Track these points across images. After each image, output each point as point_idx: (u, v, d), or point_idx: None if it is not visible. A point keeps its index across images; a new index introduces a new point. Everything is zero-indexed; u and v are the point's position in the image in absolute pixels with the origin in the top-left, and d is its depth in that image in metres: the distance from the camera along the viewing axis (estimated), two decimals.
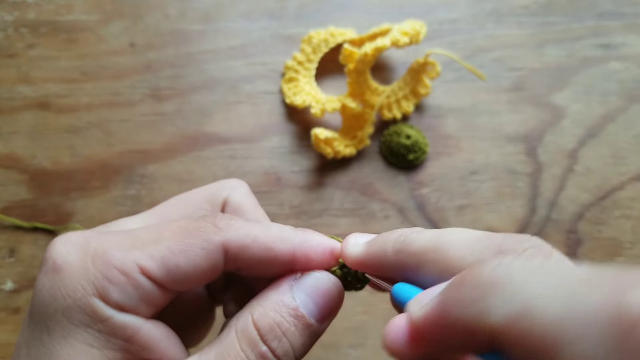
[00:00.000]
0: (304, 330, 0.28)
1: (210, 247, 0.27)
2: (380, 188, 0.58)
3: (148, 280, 0.27)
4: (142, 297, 0.27)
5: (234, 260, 0.28)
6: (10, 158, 0.57)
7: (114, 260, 0.27)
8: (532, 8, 0.63)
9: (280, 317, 0.27)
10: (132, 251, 0.27)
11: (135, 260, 0.27)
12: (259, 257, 0.28)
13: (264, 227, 0.29)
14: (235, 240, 0.28)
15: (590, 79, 0.61)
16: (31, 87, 0.59)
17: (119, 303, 0.27)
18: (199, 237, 0.28)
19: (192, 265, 0.27)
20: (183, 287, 0.28)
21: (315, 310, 0.28)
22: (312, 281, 0.29)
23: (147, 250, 0.27)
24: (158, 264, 0.27)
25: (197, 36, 0.61)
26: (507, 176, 0.58)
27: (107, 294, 0.26)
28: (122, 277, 0.26)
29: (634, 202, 0.58)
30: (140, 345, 0.27)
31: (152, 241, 0.27)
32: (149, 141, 0.58)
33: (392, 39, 0.54)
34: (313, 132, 0.55)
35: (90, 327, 0.26)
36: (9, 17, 0.61)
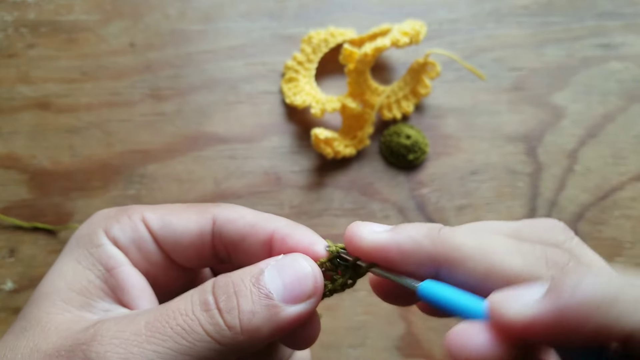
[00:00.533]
0: (259, 299, 0.27)
1: (202, 213, 0.32)
2: (380, 188, 0.58)
3: (145, 228, 0.32)
4: (135, 240, 0.32)
5: (220, 231, 0.31)
6: (10, 158, 0.57)
7: (129, 210, 0.33)
8: (532, 8, 0.63)
9: (239, 280, 0.27)
10: (145, 207, 0.33)
11: (142, 212, 0.32)
12: (242, 231, 0.30)
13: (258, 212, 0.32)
14: (224, 213, 0.31)
15: (590, 79, 0.61)
16: (31, 87, 0.59)
17: (115, 238, 0.31)
18: (194, 207, 0.32)
19: (184, 225, 0.32)
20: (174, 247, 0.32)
21: (281, 287, 0.27)
22: (287, 261, 0.28)
23: (155, 208, 0.33)
24: (157, 217, 0.32)
25: (197, 36, 0.61)
26: (507, 176, 0.58)
27: (110, 228, 0.32)
28: (126, 219, 0.32)
29: (634, 202, 0.58)
30: (117, 280, 0.31)
31: (162, 206, 0.33)
32: (149, 141, 0.58)
33: (392, 39, 0.54)
34: (313, 132, 0.55)
35: (86, 249, 0.31)
36: (9, 17, 0.61)
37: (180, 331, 0.26)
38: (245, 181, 0.57)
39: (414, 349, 0.54)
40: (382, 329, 0.54)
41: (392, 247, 0.27)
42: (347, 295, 0.55)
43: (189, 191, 0.57)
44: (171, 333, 0.26)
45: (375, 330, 0.54)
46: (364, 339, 0.54)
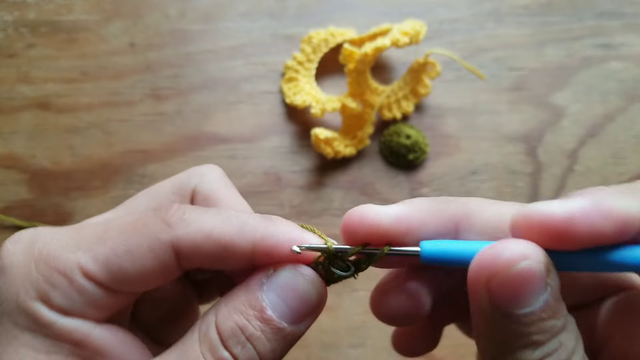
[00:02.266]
0: (273, 334, 0.25)
1: (157, 246, 0.25)
2: (380, 188, 0.58)
3: (91, 283, 0.25)
4: (87, 301, 0.25)
5: (187, 259, 0.25)
6: (10, 158, 0.57)
7: (56, 262, 0.25)
8: (532, 8, 0.63)
9: (245, 321, 0.24)
10: (76, 252, 0.25)
11: (78, 262, 0.25)
12: (215, 254, 0.25)
13: (222, 218, 0.26)
14: (185, 239, 0.25)
15: (590, 79, 0.61)
16: (31, 87, 0.59)
17: (63, 307, 0.25)
18: (145, 235, 0.25)
19: (139, 267, 0.25)
20: (133, 289, 0.26)
21: (288, 312, 0.25)
22: (285, 279, 0.25)
23: (91, 251, 0.25)
24: (100, 266, 0.25)
25: (197, 36, 0.61)
26: (507, 176, 0.58)
27: (50, 298, 0.25)
28: (64, 280, 0.25)
29: None
30: (92, 349, 0.25)
31: (97, 241, 0.26)
32: (149, 141, 0.58)
33: (392, 39, 0.54)
34: (313, 132, 0.55)
35: (35, 332, 0.25)
36: (9, 17, 0.61)
37: None
38: (245, 181, 0.57)
39: None
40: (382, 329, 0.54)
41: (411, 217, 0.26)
42: (347, 295, 0.55)
43: None
44: None
45: (375, 330, 0.54)
46: (364, 339, 0.54)
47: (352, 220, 0.27)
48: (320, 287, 0.26)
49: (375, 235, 0.26)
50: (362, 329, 0.54)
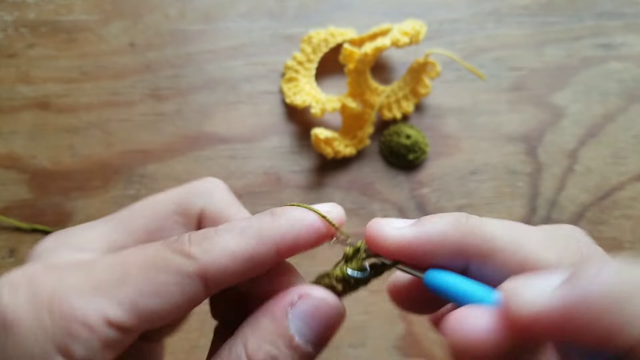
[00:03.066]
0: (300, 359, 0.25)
1: (185, 281, 0.24)
2: (380, 188, 0.58)
3: (117, 331, 0.23)
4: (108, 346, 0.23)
5: (216, 284, 0.25)
6: (10, 158, 0.57)
7: (76, 313, 0.23)
8: (532, 8, 0.63)
9: (276, 350, 0.25)
10: (95, 298, 0.23)
11: (101, 311, 0.23)
12: (243, 270, 0.25)
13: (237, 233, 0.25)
14: (212, 266, 0.24)
15: (590, 79, 0.61)
16: (31, 87, 0.59)
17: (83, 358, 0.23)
18: (171, 271, 0.24)
19: (168, 305, 0.24)
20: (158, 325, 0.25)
21: (313, 337, 0.26)
22: (310, 307, 0.26)
23: (113, 296, 0.23)
24: (127, 311, 0.23)
25: (197, 36, 0.61)
26: (507, 176, 0.58)
27: (70, 351, 0.23)
28: (86, 332, 0.23)
29: (634, 202, 0.58)
30: None
31: (117, 283, 0.24)
32: (149, 141, 0.58)
33: (392, 39, 0.54)
34: (313, 132, 0.55)
35: None
36: (9, 17, 0.61)
37: None
38: (245, 181, 0.57)
39: (414, 349, 0.54)
40: (382, 329, 0.54)
41: (418, 243, 0.25)
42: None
43: None
44: None
45: (375, 330, 0.54)
46: (364, 339, 0.54)
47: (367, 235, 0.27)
48: (341, 311, 0.27)
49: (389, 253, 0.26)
50: (362, 329, 0.54)
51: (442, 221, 0.25)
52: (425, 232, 0.25)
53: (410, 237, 0.25)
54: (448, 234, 0.25)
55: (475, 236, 0.24)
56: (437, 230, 0.25)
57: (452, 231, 0.25)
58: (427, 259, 0.25)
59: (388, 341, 0.54)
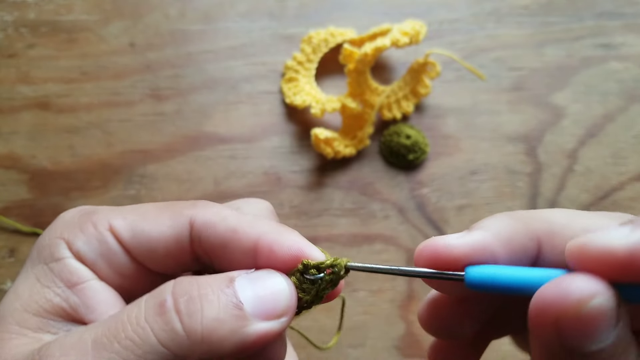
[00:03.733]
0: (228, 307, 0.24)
1: (177, 217, 0.28)
2: (380, 188, 0.58)
3: (113, 238, 0.28)
4: (103, 253, 0.28)
5: (199, 236, 0.27)
6: (10, 158, 0.57)
7: (93, 216, 0.29)
8: (532, 8, 0.63)
9: (207, 284, 0.24)
10: (112, 213, 0.29)
11: (109, 219, 0.28)
12: (223, 237, 0.27)
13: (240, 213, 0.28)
14: (202, 216, 0.28)
15: (590, 79, 0.61)
16: (31, 87, 0.59)
17: (80, 251, 0.28)
18: (171, 209, 0.29)
19: (157, 231, 0.28)
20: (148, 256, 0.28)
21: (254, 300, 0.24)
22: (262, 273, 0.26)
23: (123, 214, 0.29)
24: (127, 225, 0.28)
25: (197, 36, 0.61)
26: (507, 176, 0.58)
27: (74, 240, 0.28)
28: (91, 229, 0.28)
29: (634, 202, 0.58)
30: (80, 298, 0.27)
31: (131, 209, 0.29)
32: (149, 141, 0.58)
33: (392, 39, 0.54)
34: (313, 132, 0.55)
35: (46, 263, 0.28)
36: (9, 17, 0.61)
37: (129, 345, 0.23)
38: (245, 181, 0.57)
39: (414, 349, 0.54)
40: (382, 329, 0.54)
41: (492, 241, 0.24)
42: (347, 296, 0.55)
43: (189, 191, 0.57)
44: (118, 349, 0.23)
45: (375, 330, 0.54)
46: (364, 339, 0.54)
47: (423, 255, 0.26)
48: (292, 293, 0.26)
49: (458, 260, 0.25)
50: (362, 329, 0.54)
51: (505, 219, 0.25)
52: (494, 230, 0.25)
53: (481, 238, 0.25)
54: (511, 226, 0.25)
55: (536, 220, 0.25)
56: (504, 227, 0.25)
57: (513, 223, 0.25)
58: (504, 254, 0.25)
59: (388, 341, 0.54)
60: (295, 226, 0.33)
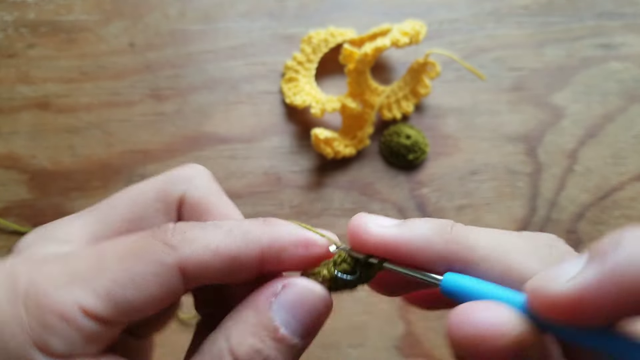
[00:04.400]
0: (287, 351, 0.24)
1: (162, 272, 0.23)
2: (380, 188, 0.58)
3: (92, 321, 0.23)
4: (88, 339, 0.23)
5: (195, 279, 0.24)
6: (10, 158, 0.57)
7: (50, 304, 0.22)
8: (532, 8, 0.63)
9: (261, 343, 0.24)
10: (71, 288, 0.23)
11: (76, 300, 0.22)
12: (223, 270, 0.24)
13: (224, 232, 0.25)
14: (192, 259, 0.24)
15: (590, 79, 0.61)
16: (31, 87, 0.59)
17: (63, 352, 0.22)
18: (149, 261, 0.23)
19: (144, 296, 0.23)
20: (136, 318, 0.24)
21: (299, 327, 0.24)
22: (295, 296, 0.25)
23: (89, 285, 0.23)
24: (103, 300, 0.23)
25: (197, 36, 0.61)
26: (507, 176, 0.58)
27: (47, 345, 0.22)
28: (62, 324, 0.22)
29: (634, 202, 0.58)
30: None
31: (93, 272, 0.23)
32: (149, 141, 0.58)
33: (392, 39, 0.54)
34: (313, 132, 0.55)
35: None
36: (9, 17, 0.61)
37: None
38: (245, 181, 0.57)
39: (414, 349, 0.54)
40: (382, 329, 0.54)
41: (401, 244, 0.25)
42: (347, 296, 0.55)
43: None
44: None
45: (375, 330, 0.54)
46: (364, 339, 0.54)
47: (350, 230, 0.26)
48: (327, 301, 0.26)
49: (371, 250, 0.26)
50: (362, 329, 0.54)
51: (427, 226, 0.25)
52: (409, 234, 0.25)
53: (394, 236, 0.25)
54: (432, 239, 0.24)
55: (458, 245, 0.24)
56: (421, 235, 0.25)
57: (437, 237, 0.24)
58: (408, 261, 0.25)
59: (388, 341, 0.54)
60: None
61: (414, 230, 0.25)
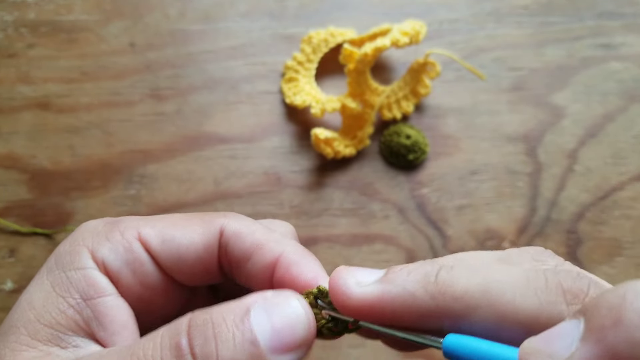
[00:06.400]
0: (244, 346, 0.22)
1: (208, 225, 0.28)
2: (380, 188, 0.58)
3: (142, 247, 0.27)
4: (129, 262, 0.27)
5: (226, 246, 0.28)
6: (10, 158, 0.57)
7: (120, 225, 0.28)
8: (532, 8, 0.63)
9: (221, 319, 0.23)
10: (140, 221, 0.28)
11: (137, 227, 0.28)
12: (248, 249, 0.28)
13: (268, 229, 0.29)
14: (232, 226, 0.28)
15: (590, 79, 0.61)
16: (31, 87, 0.59)
17: (104, 259, 0.27)
18: (201, 217, 0.29)
19: (188, 239, 0.28)
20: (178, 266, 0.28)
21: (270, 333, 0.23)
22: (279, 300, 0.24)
23: (151, 222, 0.28)
24: (156, 232, 0.28)
25: (197, 36, 0.61)
26: (507, 176, 0.58)
27: (98, 248, 0.27)
28: (118, 237, 0.27)
29: (634, 202, 0.58)
30: (94, 313, 0.26)
31: (159, 218, 0.29)
32: (149, 141, 0.58)
33: (392, 39, 0.54)
34: (313, 132, 0.55)
35: (64, 271, 0.26)
36: (9, 17, 0.61)
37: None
38: (245, 181, 0.57)
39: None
40: None
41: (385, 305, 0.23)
42: None
43: (189, 191, 0.57)
44: None
45: None
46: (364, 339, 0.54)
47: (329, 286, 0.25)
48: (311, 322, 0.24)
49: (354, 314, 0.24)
50: None
51: (409, 280, 0.23)
52: (392, 292, 0.23)
53: (375, 297, 0.23)
54: (417, 295, 0.22)
55: (445, 297, 0.22)
56: (404, 291, 0.23)
57: (421, 293, 0.22)
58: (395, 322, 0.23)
59: None
60: (295, 226, 0.33)
61: (396, 286, 0.23)
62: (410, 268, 0.24)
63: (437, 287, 0.22)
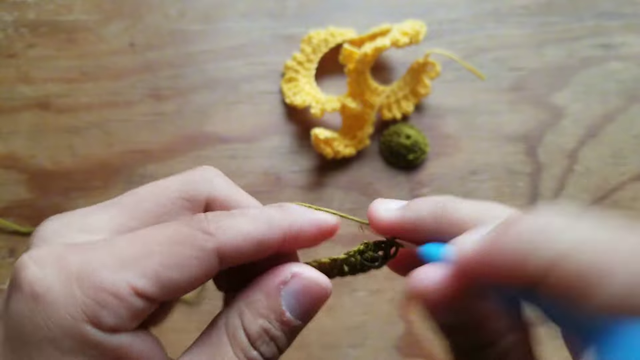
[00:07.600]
0: (290, 332, 0.29)
1: (203, 255, 0.26)
2: (380, 188, 0.58)
3: (141, 300, 0.25)
4: (134, 315, 0.26)
5: (228, 261, 0.28)
6: (10, 158, 0.57)
7: (105, 283, 0.25)
8: (532, 8, 0.63)
9: (268, 324, 0.28)
10: (122, 270, 0.25)
11: (128, 281, 0.25)
12: (252, 252, 0.28)
13: (250, 219, 0.28)
14: (228, 244, 0.27)
15: (590, 79, 0.61)
16: (31, 87, 0.59)
17: (112, 326, 0.25)
18: (191, 246, 0.26)
19: (187, 276, 0.26)
20: (178, 296, 0.27)
21: (302, 312, 0.29)
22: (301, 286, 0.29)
23: (139, 268, 0.25)
24: (152, 281, 0.25)
25: (197, 36, 0.61)
26: (507, 176, 0.58)
27: (100, 319, 0.25)
28: (115, 301, 0.25)
29: (634, 202, 0.58)
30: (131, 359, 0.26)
31: (141, 257, 0.26)
32: (149, 141, 0.58)
33: (392, 39, 0.54)
34: (313, 132, 0.55)
35: (81, 353, 0.25)
36: (9, 17, 0.61)
37: None
38: (245, 181, 0.57)
39: (414, 349, 0.54)
40: (382, 329, 0.54)
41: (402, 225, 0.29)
42: (347, 296, 0.55)
43: None
44: None
45: (375, 330, 0.54)
46: (363, 339, 0.54)
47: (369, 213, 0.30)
48: (328, 289, 0.29)
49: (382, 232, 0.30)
50: (362, 329, 0.54)
51: (423, 206, 0.29)
52: (407, 216, 0.29)
53: (396, 219, 0.29)
54: (426, 219, 0.28)
55: (444, 221, 0.28)
56: (416, 216, 0.29)
57: (429, 217, 0.28)
58: (411, 239, 0.29)
59: (388, 341, 0.54)
60: None
61: (411, 211, 0.29)
62: (428, 198, 0.30)
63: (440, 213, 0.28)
